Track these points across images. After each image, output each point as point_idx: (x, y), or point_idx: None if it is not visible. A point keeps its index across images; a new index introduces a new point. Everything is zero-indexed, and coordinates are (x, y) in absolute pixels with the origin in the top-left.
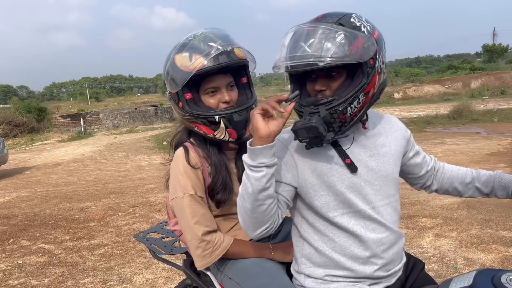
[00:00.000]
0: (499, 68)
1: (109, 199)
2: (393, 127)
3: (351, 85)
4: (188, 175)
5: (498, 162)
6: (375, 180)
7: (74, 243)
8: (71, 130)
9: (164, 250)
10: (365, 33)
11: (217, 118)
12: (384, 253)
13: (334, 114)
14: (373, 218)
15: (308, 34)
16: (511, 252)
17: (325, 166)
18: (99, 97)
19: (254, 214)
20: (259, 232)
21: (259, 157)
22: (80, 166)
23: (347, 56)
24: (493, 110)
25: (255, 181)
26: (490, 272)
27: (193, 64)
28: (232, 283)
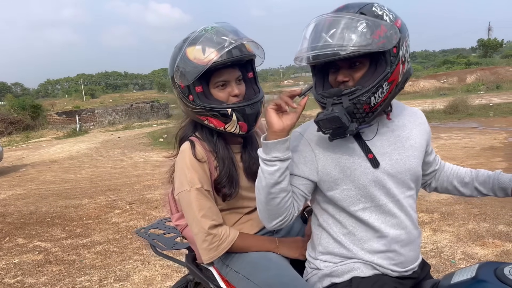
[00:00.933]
0: (494, 63)
1: (105, 196)
2: (417, 120)
3: (374, 74)
4: (194, 169)
5: (494, 156)
6: (398, 174)
7: (70, 240)
8: (66, 127)
9: (166, 245)
10: (387, 22)
11: (230, 111)
12: (402, 249)
13: (357, 104)
14: (393, 213)
15: (329, 25)
16: (509, 246)
17: (348, 160)
18: (94, 94)
19: (268, 206)
20: (274, 223)
21: (273, 151)
22: (76, 164)
23: (370, 45)
24: (489, 104)
25: (269, 175)
26: (492, 265)
27: (208, 57)
28: (238, 276)
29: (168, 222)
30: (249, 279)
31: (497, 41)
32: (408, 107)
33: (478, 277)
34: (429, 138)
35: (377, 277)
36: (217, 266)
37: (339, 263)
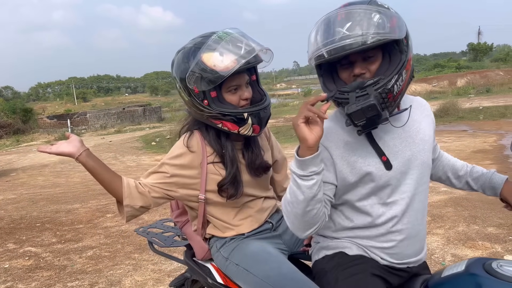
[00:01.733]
0: (484, 66)
1: (97, 201)
2: (424, 111)
3: (391, 63)
4: (177, 152)
5: (484, 159)
6: (411, 170)
7: (61, 245)
8: (57, 131)
9: (165, 243)
10: (395, 13)
11: (246, 115)
12: (400, 243)
13: (383, 94)
14: (399, 209)
15: (343, 19)
16: (498, 248)
17: (363, 164)
18: (86, 97)
19: (305, 218)
20: (308, 232)
21: (310, 167)
22: (67, 168)
23: (389, 33)
24: (479, 108)
25: (307, 189)
26: (481, 260)
27: (229, 65)
28: (238, 269)
29: (167, 223)
30: (249, 271)
31: (486, 45)
32: (414, 98)
33: (468, 271)
34: (434, 127)
35: (361, 257)
36: (216, 260)
37: (334, 240)
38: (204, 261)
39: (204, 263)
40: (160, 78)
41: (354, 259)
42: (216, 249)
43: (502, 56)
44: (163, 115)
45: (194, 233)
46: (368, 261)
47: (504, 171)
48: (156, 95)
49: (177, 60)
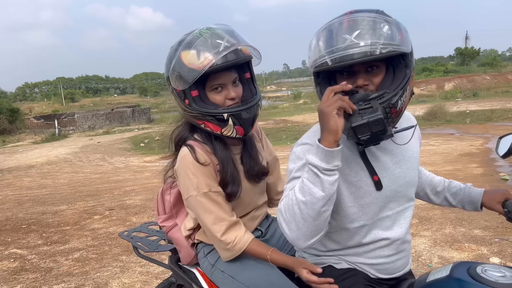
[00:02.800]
0: (471, 71)
1: (84, 202)
2: (413, 128)
3: (396, 77)
4: (199, 173)
5: (471, 162)
6: (399, 188)
7: (47, 247)
8: (44, 132)
9: (149, 247)
10: (402, 26)
11: (226, 115)
12: (388, 258)
13: (387, 108)
14: (386, 227)
15: (351, 26)
16: (484, 250)
17: (355, 178)
18: (74, 98)
19: (317, 221)
20: (312, 241)
21: (335, 160)
22: (54, 169)
23: (400, 45)
24: (466, 111)
25: (329, 185)
26: (466, 264)
27: (202, 62)
28: (224, 276)
29: (152, 226)
30: (234, 278)
31: (474, 50)
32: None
33: (452, 275)
34: (421, 143)
35: (352, 270)
36: (202, 266)
37: (321, 257)
38: (189, 266)
39: (190, 268)
40: (149, 79)
41: (344, 273)
42: (203, 254)
43: (489, 60)
44: (152, 116)
45: (182, 238)
46: (358, 274)
47: (490, 174)
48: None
49: (166, 59)
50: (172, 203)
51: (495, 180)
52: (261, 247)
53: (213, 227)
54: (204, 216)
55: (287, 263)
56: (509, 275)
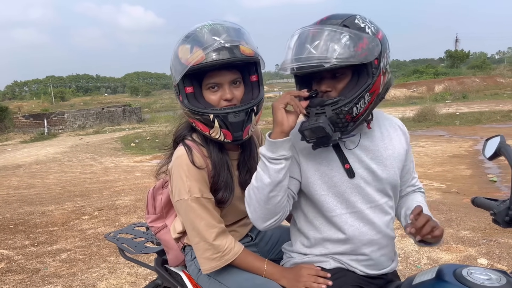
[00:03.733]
0: (461, 73)
1: (73, 202)
2: (397, 130)
3: (356, 85)
4: (193, 177)
5: (460, 164)
6: (375, 182)
7: (34, 248)
8: (33, 131)
9: (135, 249)
10: (369, 34)
11: (212, 117)
12: (373, 253)
13: (340, 114)
14: (366, 219)
15: (313, 36)
16: (472, 251)
17: (327, 168)
18: (64, 97)
19: (268, 205)
20: (268, 223)
21: (280, 150)
22: (43, 168)
23: (352, 57)
24: (455, 113)
25: (274, 173)
26: (451, 267)
27: (192, 57)
28: (211, 280)
29: (138, 227)
30: (221, 283)
31: (463, 52)
32: (390, 118)
33: (438, 278)
34: (408, 150)
35: (341, 270)
36: (189, 269)
37: (309, 255)
38: (176, 268)
39: (176, 270)
40: (140, 78)
41: (333, 273)
42: (190, 257)
43: (478, 63)
44: (143, 116)
45: (171, 240)
46: (347, 274)
47: (478, 175)
48: (137, 96)
49: None
50: (164, 203)
51: (484, 182)
52: (254, 260)
53: (205, 230)
54: (195, 221)
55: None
56: (495, 278)
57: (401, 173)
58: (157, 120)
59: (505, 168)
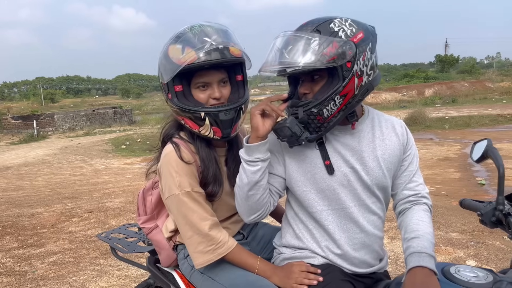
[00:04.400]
0: (450, 78)
1: (62, 205)
2: (392, 131)
3: (329, 88)
4: (182, 172)
5: (449, 167)
6: (358, 182)
7: (23, 251)
8: (23, 132)
9: (128, 248)
10: (341, 38)
11: (203, 114)
12: (356, 252)
13: (311, 116)
14: (349, 217)
15: (287, 42)
16: (460, 253)
17: (309, 164)
18: (54, 98)
19: (248, 202)
20: (253, 217)
21: (255, 153)
22: (32, 170)
23: (318, 61)
24: (445, 117)
25: (251, 174)
26: (440, 265)
27: (184, 58)
28: (204, 277)
29: (130, 228)
30: (214, 280)
31: (453, 57)
32: (389, 119)
33: None
34: (406, 152)
35: (328, 266)
36: (182, 267)
37: (298, 251)
38: (168, 268)
39: (169, 270)
40: (132, 80)
41: (322, 269)
42: (183, 256)
43: (467, 68)
44: (134, 118)
45: (163, 240)
46: (335, 269)
47: (467, 178)
48: (128, 98)
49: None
50: (154, 204)
51: (472, 185)
52: (247, 256)
53: (198, 222)
54: (187, 214)
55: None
56: (482, 276)
57: (396, 174)
58: (148, 122)
59: (493, 172)
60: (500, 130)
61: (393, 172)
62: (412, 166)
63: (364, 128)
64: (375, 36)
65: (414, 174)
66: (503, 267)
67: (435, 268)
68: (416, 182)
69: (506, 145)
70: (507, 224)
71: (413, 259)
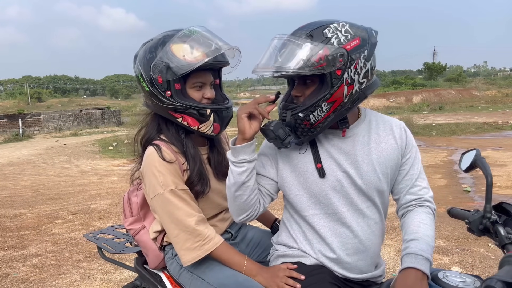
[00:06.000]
0: (438, 85)
1: (46, 206)
2: (390, 134)
3: (317, 94)
4: (165, 171)
5: (435, 174)
6: (352, 186)
7: (4, 252)
8: (7, 132)
9: (115, 249)
10: (333, 45)
11: (209, 111)
12: (348, 257)
13: (297, 120)
14: (342, 222)
15: (282, 45)
16: (445, 260)
17: (302, 168)
18: (41, 98)
19: (236, 202)
20: (241, 217)
21: (241, 154)
22: (16, 170)
23: (306, 67)
24: (432, 124)
25: (237, 175)
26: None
27: (198, 57)
28: (193, 276)
29: (118, 229)
30: (203, 279)
31: (441, 65)
32: (388, 120)
33: None
34: (405, 155)
35: (319, 267)
36: (170, 268)
37: (291, 249)
38: (156, 269)
39: (156, 272)
40: (121, 81)
41: (312, 269)
42: (171, 256)
43: (454, 76)
44: (122, 119)
45: (150, 241)
46: (325, 271)
47: (453, 185)
48: (116, 99)
49: (143, 51)
50: (140, 204)
51: (458, 192)
52: (235, 254)
53: (184, 218)
54: (173, 211)
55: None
56: (469, 281)
57: (397, 179)
58: (136, 123)
59: (478, 179)
60: (486, 138)
61: (391, 176)
62: (414, 170)
63: (360, 132)
64: (374, 43)
65: (417, 178)
66: (488, 275)
67: (428, 272)
68: (419, 186)
69: (491, 153)
70: (494, 232)
71: (408, 259)
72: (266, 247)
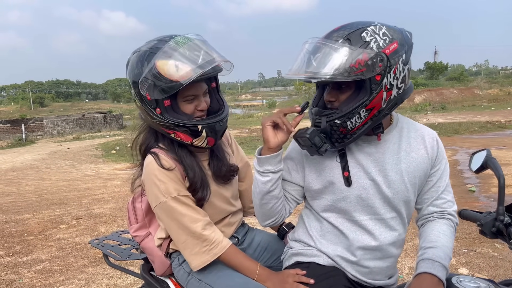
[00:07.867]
0: (439, 85)
1: (50, 211)
2: (421, 143)
3: (355, 99)
4: (166, 178)
5: None
6: (378, 195)
7: (9, 258)
8: (10, 137)
9: (121, 256)
10: (372, 50)
11: (200, 127)
12: (367, 261)
13: (334, 127)
14: (364, 229)
15: (316, 49)
16: (452, 261)
17: (329, 174)
18: (43, 102)
19: (262, 209)
20: (267, 223)
21: (265, 165)
22: (19, 175)
23: (345, 72)
24: (435, 124)
25: (262, 184)
26: None
27: (183, 75)
28: (201, 284)
29: (123, 234)
30: (212, 287)
31: (442, 64)
32: (420, 128)
33: None
34: (435, 166)
35: (333, 269)
36: (178, 274)
37: (306, 247)
38: (163, 276)
39: (163, 278)
40: (122, 85)
41: (327, 271)
42: (178, 263)
43: (456, 75)
44: (124, 122)
45: (156, 248)
46: (340, 274)
47: (458, 185)
48: (118, 102)
49: (131, 63)
50: (144, 211)
51: (463, 192)
52: (245, 259)
53: (190, 224)
54: (178, 218)
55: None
56: (483, 286)
57: (423, 189)
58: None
59: (483, 179)
60: (489, 137)
61: (418, 186)
62: (441, 182)
63: (390, 139)
64: (411, 45)
65: (443, 191)
66: (496, 275)
67: (444, 280)
68: (444, 199)
69: (495, 152)
70: (507, 235)
71: (425, 264)
72: (274, 251)
